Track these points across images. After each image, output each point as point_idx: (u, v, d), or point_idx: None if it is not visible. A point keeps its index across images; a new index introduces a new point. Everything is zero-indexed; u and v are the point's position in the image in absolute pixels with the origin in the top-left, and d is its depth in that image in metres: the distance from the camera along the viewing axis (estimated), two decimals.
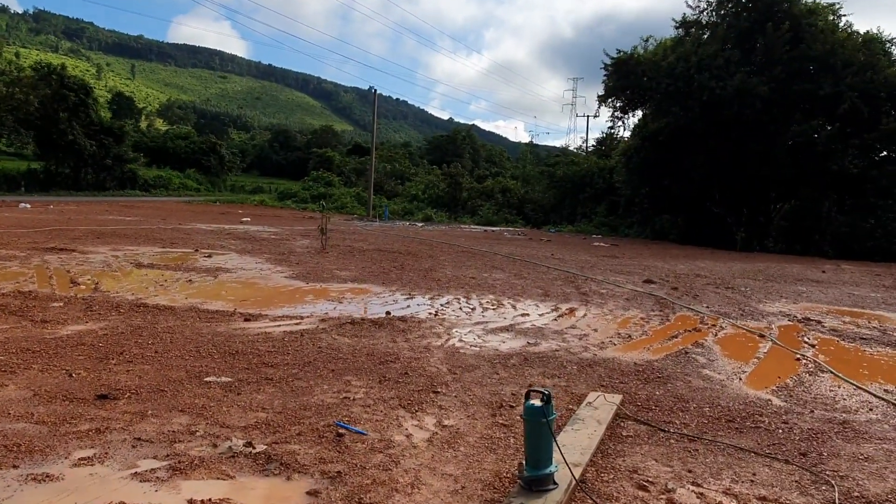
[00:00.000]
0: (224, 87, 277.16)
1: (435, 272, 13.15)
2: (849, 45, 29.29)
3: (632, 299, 10.91)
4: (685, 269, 16.61)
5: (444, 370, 5.83)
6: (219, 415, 4.37)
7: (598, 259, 18.34)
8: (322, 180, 54.55)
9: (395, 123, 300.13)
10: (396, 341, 6.89)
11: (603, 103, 35.52)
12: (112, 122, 53.13)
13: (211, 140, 67.36)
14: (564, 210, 44.88)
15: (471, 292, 10.70)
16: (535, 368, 6.07)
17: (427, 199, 48.70)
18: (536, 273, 14.03)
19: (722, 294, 12.25)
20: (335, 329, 7.32)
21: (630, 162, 37.26)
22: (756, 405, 5.26)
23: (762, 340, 8.10)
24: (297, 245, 17.72)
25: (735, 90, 29.07)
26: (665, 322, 9.00)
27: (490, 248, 20.08)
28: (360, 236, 22.40)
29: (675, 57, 31.85)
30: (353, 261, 14.53)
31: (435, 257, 16.21)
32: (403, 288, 10.87)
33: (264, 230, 22.86)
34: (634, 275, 14.71)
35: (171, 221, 24.55)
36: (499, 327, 7.97)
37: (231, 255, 14.59)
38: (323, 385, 5.18)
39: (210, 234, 19.50)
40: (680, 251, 24.20)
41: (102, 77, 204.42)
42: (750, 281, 14.83)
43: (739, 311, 10.30)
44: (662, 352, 7.13)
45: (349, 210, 44.45)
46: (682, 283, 13.46)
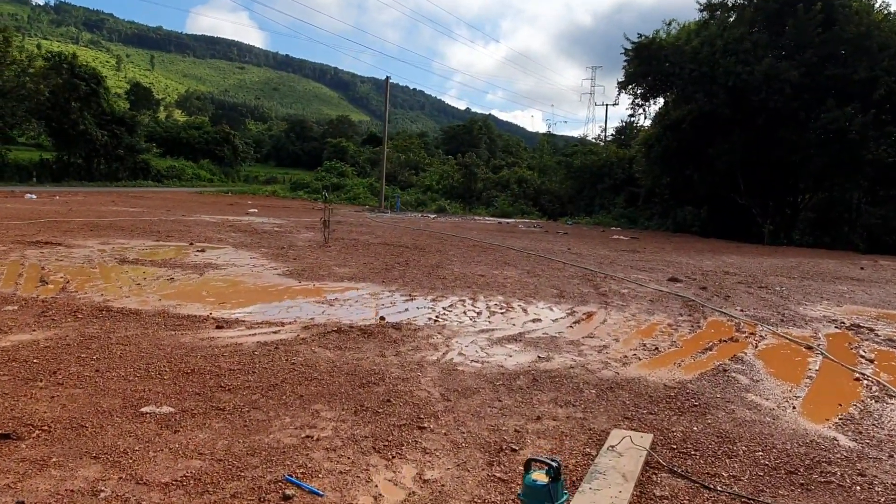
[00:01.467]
0: (242, 78, 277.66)
1: (441, 269, 12.18)
2: (885, 26, 27.76)
3: (656, 301, 9.85)
4: (712, 266, 15.47)
5: (436, 395, 4.86)
6: (141, 464, 3.45)
7: (618, 254, 17.24)
8: (335, 170, 53.70)
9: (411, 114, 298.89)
10: (385, 355, 5.93)
11: (623, 90, 34.15)
12: (124, 112, 52.63)
13: (224, 130, 66.73)
14: (582, 201, 43.64)
15: (478, 293, 9.71)
16: (546, 393, 5.08)
17: (441, 189, 47.66)
18: (551, 270, 13.00)
19: (756, 295, 11.14)
20: (317, 339, 6.38)
21: (651, 151, 35.92)
22: (820, 447, 4.23)
23: (810, 353, 7.03)
24: (299, 238, 16.84)
25: (763, 75, 27.67)
26: (696, 329, 7.95)
27: (503, 241, 19.05)
28: (368, 229, 21.48)
29: (699, 41, 30.45)
30: (355, 256, 13.60)
31: (443, 252, 15.23)
32: (404, 287, 9.92)
33: (269, 222, 22.03)
34: (658, 272, 13.62)
35: (176, 213, 23.82)
36: (506, 336, 6.98)
37: (226, 249, 13.74)
38: (284, 417, 4.24)
39: (211, 227, 18.70)
40: (704, 245, 22.97)
41: (122, 68, 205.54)
42: (784, 279, 13.67)
43: (778, 315, 9.21)
44: (696, 369, 6.10)
45: (361, 201, 43.56)
46: (710, 282, 12.35)
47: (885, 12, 28.79)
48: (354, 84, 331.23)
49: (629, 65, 33.04)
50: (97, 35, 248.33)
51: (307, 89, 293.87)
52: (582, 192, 44.10)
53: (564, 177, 46.54)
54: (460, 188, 46.94)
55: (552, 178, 48.15)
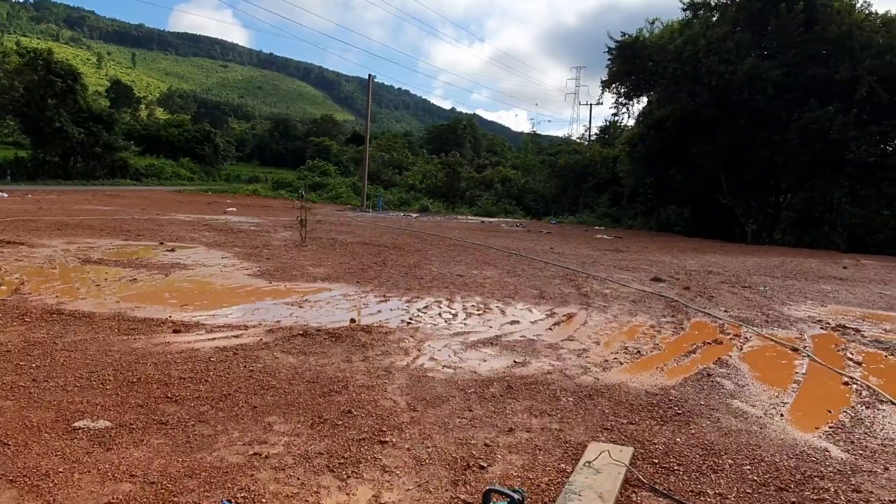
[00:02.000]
0: (225, 77, 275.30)
1: (419, 269, 11.84)
2: (867, 26, 27.82)
3: (639, 302, 9.58)
4: (695, 265, 15.27)
5: (402, 405, 4.52)
6: (62, 489, 3.08)
7: (601, 253, 17.00)
8: (318, 169, 53.15)
9: (396, 113, 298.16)
10: (352, 361, 5.58)
11: (607, 89, 34.05)
12: (102, 110, 51.65)
13: (205, 128, 65.86)
14: (566, 200, 43.51)
15: (455, 293, 9.38)
16: (520, 401, 4.76)
17: (424, 188, 47.30)
18: (532, 270, 12.71)
19: (739, 295, 10.92)
20: (281, 343, 6.01)
21: (634, 151, 35.89)
22: (811, 459, 3.95)
23: (796, 356, 6.78)
24: (275, 237, 16.41)
25: (745, 75, 27.66)
26: (679, 331, 7.68)
27: (484, 240, 18.75)
28: (348, 228, 21.08)
29: (682, 40, 30.42)
30: (331, 255, 13.22)
31: (423, 251, 14.89)
32: (380, 288, 9.56)
33: (246, 221, 21.56)
34: (641, 271, 13.38)
35: (151, 211, 23.26)
36: (482, 340, 6.66)
37: (198, 248, 13.29)
38: (233, 432, 3.87)
39: (185, 226, 18.20)
40: (687, 244, 22.84)
41: (103, 66, 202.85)
42: (767, 278, 13.49)
43: (763, 316, 8.98)
44: (680, 374, 5.81)
45: (344, 200, 43.07)
46: (693, 282, 12.13)
47: (866, 12, 28.86)
48: (339, 83, 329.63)
49: (613, 63, 32.93)
50: (78, 32, 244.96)
51: (291, 88, 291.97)
52: (566, 192, 43.97)
53: (548, 176, 46.38)
54: (444, 187, 46.62)
55: (536, 177, 47.98)
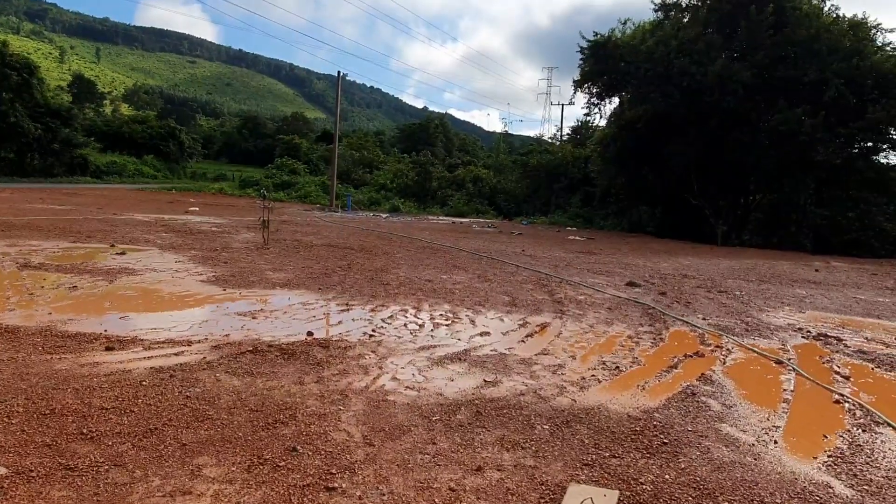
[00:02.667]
0: (193, 73, 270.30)
1: (386, 273, 11.29)
2: (835, 29, 28.05)
3: (615, 309, 9.18)
4: (669, 268, 14.99)
5: (357, 438, 3.98)
6: None
7: (574, 256, 16.64)
8: (286, 168, 52.04)
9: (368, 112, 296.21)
10: (304, 382, 5.02)
11: (579, 88, 33.86)
12: (60, 105, 49.80)
13: (170, 125, 64.09)
14: (538, 201, 43.28)
15: (423, 301, 8.85)
16: (491, 431, 4.25)
17: (395, 188, 46.64)
18: (504, 274, 12.25)
19: (716, 300, 10.60)
20: (226, 362, 5.41)
21: (606, 151, 35.77)
22: (815, 499, 3.53)
23: (782, 369, 6.41)
24: (236, 239, 15.68)
25: (716, 76, 27.68)
26: (658, 342, 7.27)
27: (455, 242, 18.25)
28: (314, 229, 20.41)
29: (654, 41, 30.35)
30: (294, 259, 12.58)
31: (391, 254, 14.33)
32: (342, 295, 8.99)
33: (208, 221, 20.73)
34: (615, 275, 13.02)
35: (108, 210, 22.25)
36: (449, 354, 6.14)
37: (151, 251, 12.53)
38: (154, 478, 3.30)
39: (141, 226, 17.34)
40: (660, 246, 22.67)
41: (66, 60, 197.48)
42: (742, 282, 13.25)
43: (742, 323, 8.64)
44: (662, 392, 5.38)
45: (313, 199, 42.19)
46: (669, 287, 11.79)
47: (833, 15, 29.12)
48: (310, 81, 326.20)
49: (585, 63, 32.76)
50: (39, 25, 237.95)
51: (261, 85, 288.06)
52: (538, 192, 43.74)
53: (520, 176, 46.12)
54: (415, 187, 46.03)
55: (508, 177, 47.69)
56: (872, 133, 26.70)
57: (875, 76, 26.14)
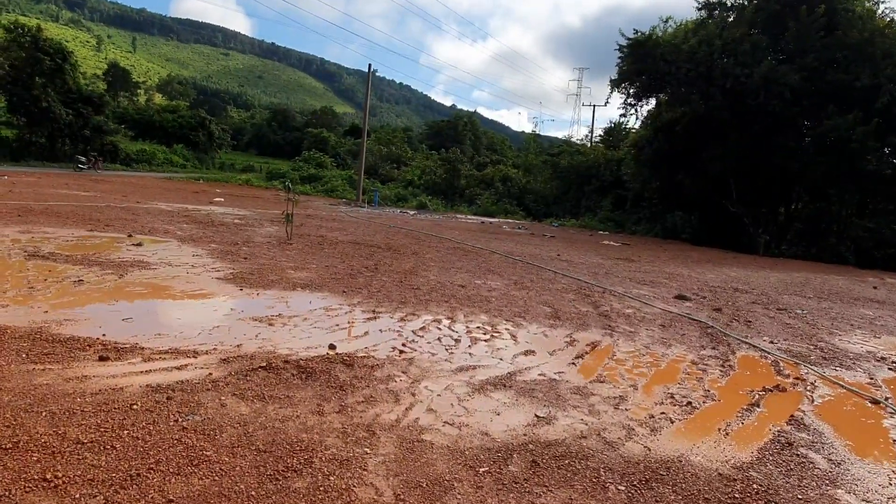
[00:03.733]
0: (226, 65, 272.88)
1: (416, 276, 10.48)
2: (889, 33, 26.63)
3: (669, 327, 8.26)
4: (717, 280, 13.97)
5: (388, 497, 3.18)
6: None
7: (612, 263, 15.67)
8: (314, 161, 51.64)
9: (397, 108, 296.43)
10: (324, 412, 4.22)
11: (616, 88, 32.67)
12: (92, 91, 49.91)
13: (200, 115, 64.04)
14: (568, 202, 42.19)
15: (457, 310, 8.03)
16: (554, 491, 3.41)
17: (423, 185, 45.88)
18: (541, 280, 11.37)
19: (778, 320, 9.61)
20: (235, 381, 4.65)
21: (641, 153, 34.58)
22: None
23: (880, 411, 5.47)
24: (259, 233, 15.01)
25: (762, 78, 26.42)
26: (728, 370, 6.36)
27: (486, 244, 17.39)
28: (340, 224, 19.70)
29: (696, 40, 29.13)
30: (317, 256, 11.85)
31: (420, 255, 13.53)
32: (369, 300, 8.21)
33: (232, 213, 20.15)
34: (660, 286, 12.07)
35: (132, 198, 21.82)
36: (492, 379, 5.31)
37: (169, 243, 11.90)
38: None
39: (163, 216, 16.78)
40: (699, 254, 21.54)
41: (103, 49, 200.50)
42: (800, 299, 12.20)
43: (816, 349, 7.67)
44: (751, 440, 4.48)
45: (339, 194, 41.62)
46: (722, 301, 10.81)
47: (888, 19, 27.68)
48: (340, 76, 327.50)
49: (623, 62, 31.60)
50: (77, 14, 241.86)
51: (292, 79, 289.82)
52: (568, 193, 42.66)
53: (550, 177, 45.09)
54: (443, 184, 45.23)
55: (537, 177, 46.67)
56: None
57: None
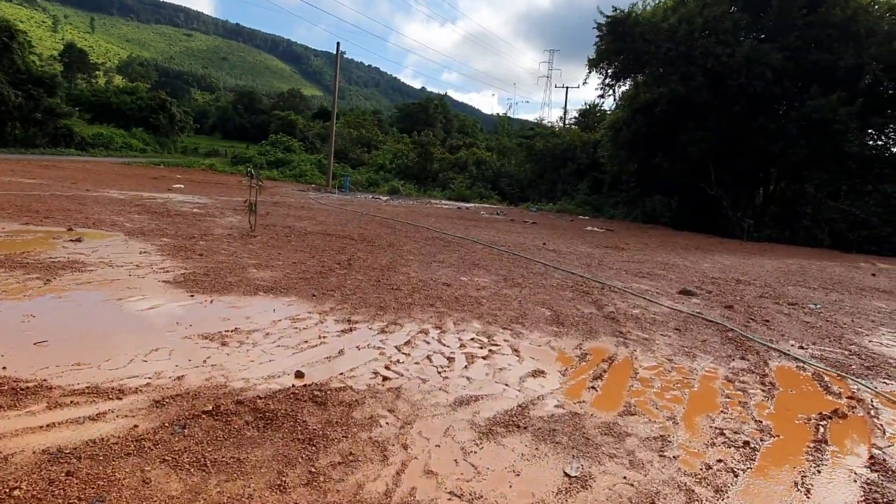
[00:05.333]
0: (189, 46, 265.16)
1: (394, 273, 9.36)
2: (873, 11, 26.08)
3: (685, 331, 7.31)
4: (714, 270, 13.13)
5: None
6: None
7: (602, 252, 14.75)
8: (281, 145, 49.75)
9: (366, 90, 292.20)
10: (287, 486, 3.11)
11: (594, 68, 31.66)
12: (44, 72, 47.16)
13: (160, 97, 61.35)
14: (543, 186, 41.33)
15: (445, 316, 6.96)
16: None
17: (395, 169, 44.54)
18: (532, 275, 10.35)
19: (795, 317, 8.75)
20: (169, 437, 3.50)
21: (618, 136, 33.69)
22: None
23: None
24: (219, 224, 13.70)
25: (744, 58, 25.71)
26: (769, 388, 5.40)
27: (466, 232, 16.32)
28: (309, 212, 18.42)
29: (676, 18, 28.28)
30: (284, 251, 10.64)
31: (397, 246, 12.39)
32: (343, 305, 7.08)
33: (191, 201, 18.71)
34: (659, 278, 11.15)
35: (83, 186, 20.18)
36: (501, 415, 4.25)
37: (115, 238, 10.56)
38: None
39: (113, 205, 15.31)
40: (685, 240, 20.81)
41: (59, 30, 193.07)
42: (805, 290, 11.42)
43: (851, 355, 6.79)
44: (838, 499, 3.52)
45: (308, 179, 40.08)
46: (728, 295, 9.93)
47: None
48: (308, 58, 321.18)
49: (601, 41, 30.60)
50: None
51: (258, 61, 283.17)
52: (543, 177, 41.78)
53: (524, 160, 44.13)
54: (415, 168, 43.96)
55: (511, 160, 45.68)
56: None
57: None
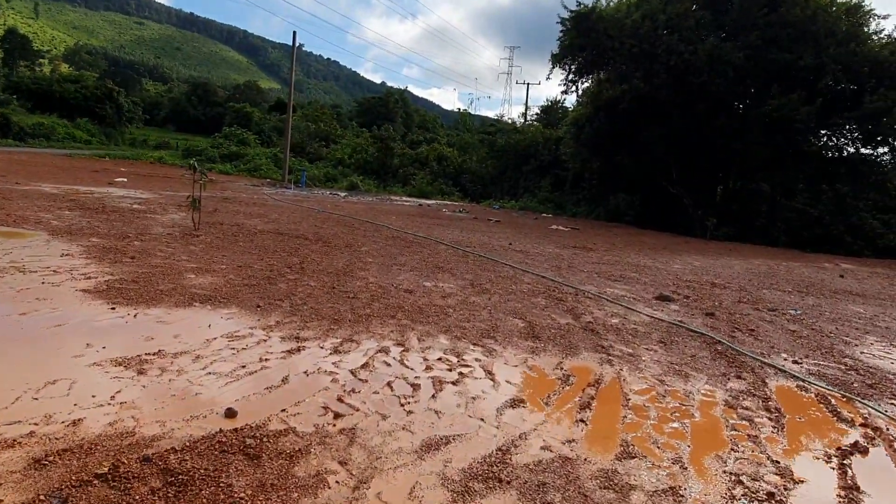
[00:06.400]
0: (140, 35, 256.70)
1: (351, 278, 8.52)
2: (832, 11, 26.27)
3: (669, 343, 6.68)
4: (685, 272, 12.67)
5: None
6: None
7: (570, 252, 14.15)
8: (235, 138, 48.00)
9: (325, 84, 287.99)
10: None
11: (557, 64, 31.21)
12: None
13: (107, 86, 58.59)
14: (505, 183, 40.83)
15: (408, 329, 6.17)
16: None
17: (354, 164, 43.40)
18: (501, 280, 9.63)
19: (777, 324, 8.25)
20: None
21: (581, 133, 33.29)
22: None
23: None
24: (161, 221, 12.59)
25: (706, 56, 25.60)
26: (776, 416, 4.77)
27: (429, 231, 15.53)
28: (262, 209, 17.34)
29: (640, 14, 28.03)
30: (230, 252, 9.66)
31: (355, 247, 11.52)
32: (292, 317, 6.21)
33: (132, 196, 17.42)
34: (632, 282, 10.58)
35: (12, 179, 18.66)
36: (477, 465, 3.49)
37: (36, 238, 9.42)
38: None
39: (43, 201, 14.00)
40: (651, 239, 20.46)
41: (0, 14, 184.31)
42: (780, 294, 11.01)
43: (848, 370, 6.26)
44: None
45: (263, 173, 38.65)
46: (707, 301, 9.40)
47: None
48: (265, 49, 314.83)
49: (565, 36, 30.19)
50: None
51: (213, 52, 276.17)
52: (505, 174, 41.28)
53: (486, 156, 43.56)
54: (375, 164, 42.93)
55: (472, 156, 45.08)
56: (869, 123, 24.96)
57: (871, 63, 24.50)
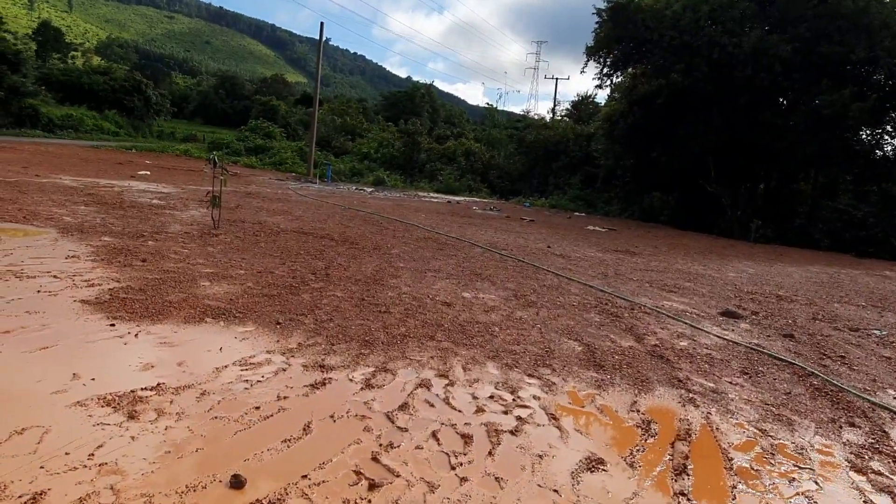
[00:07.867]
0: (171, 28, 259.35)
1: (382, 287, 7.66)
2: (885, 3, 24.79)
3: (754, 375, 5.70)
4: (742, 280, 11.60)
5: None
6: None
7: (614, 257, 13.14)
8: (261, 131, 47.53)
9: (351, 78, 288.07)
10: None
11: (592, 57, 30.03)
12: (6, 47, 44.38)
13: (135, 78, 58.51)
14: (534, 179, 39.78)
15: (450, 354, 5.28)
16: None
17: (380, 158, 42.65)
18: (546, 290, 8.69)
19: (867, 348, 7.20)
20: None
21: (614, 129, 32.07)
22: None
23: None
24: (178, 218, 11.87)
25: (751, 49, 24.24)
26: None
27: (461, 231, 14.63)
28: (286, 206, 16.58)
29: (681, 5, 26.73)
30: (250, 255, 8.87)
31: (384, 250, 10.67)
32: (316, 338, 5.36)
33: (154, 190, 16.79)
34: (687, 292, 9.57)
35: (33, 171, 18.17)
36: None
37: (44, 236, 8.73)
38: None
39: (60, 194, 13.39)
40: (693, 242, 19.32)
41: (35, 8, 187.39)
42: (853, 308, 9.90)
43: None
44: None
45: (288, 167, 38.06)
46: (778, 318, 8.36)
47: None
48: (292, 44, 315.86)
49: (601, 28, 29.01)
50: None
51: (241, 45, 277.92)
52: (534, 170, 40.22)
53: (514, 152, 42.53)
54: (401, 158, 42.13)
55: (500, 152, 44.09)
56: None
57: None
